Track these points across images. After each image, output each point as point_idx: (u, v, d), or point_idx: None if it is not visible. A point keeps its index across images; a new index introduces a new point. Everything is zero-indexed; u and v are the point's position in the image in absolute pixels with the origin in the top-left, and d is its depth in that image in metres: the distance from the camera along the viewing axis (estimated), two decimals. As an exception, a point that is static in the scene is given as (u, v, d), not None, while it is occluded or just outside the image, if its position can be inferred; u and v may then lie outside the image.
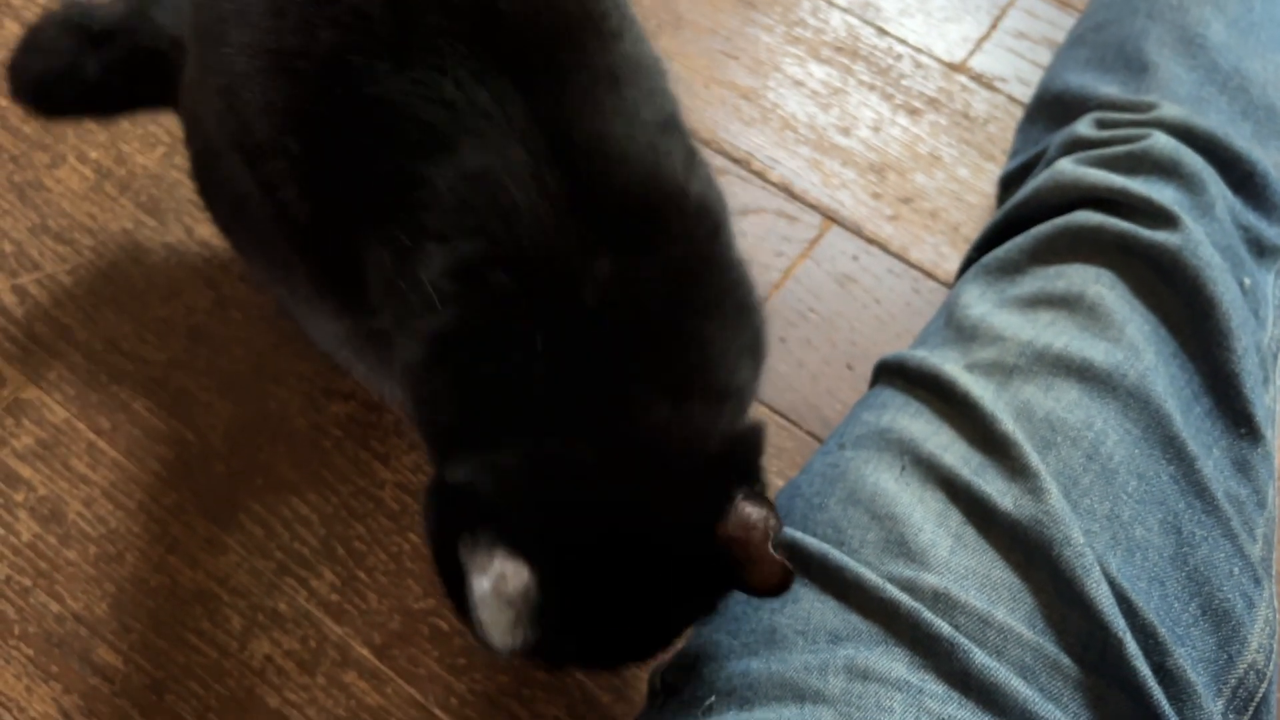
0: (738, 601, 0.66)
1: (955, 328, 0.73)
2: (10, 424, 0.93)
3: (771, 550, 0.56)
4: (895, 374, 0.73)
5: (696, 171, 0.63)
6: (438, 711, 0.82)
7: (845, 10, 1.16)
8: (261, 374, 0.95)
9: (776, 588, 0.58)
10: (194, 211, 1.03)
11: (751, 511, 0.57)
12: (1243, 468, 0.66)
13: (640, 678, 0.81)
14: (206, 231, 1.02)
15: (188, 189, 1.03)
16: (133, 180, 1.05)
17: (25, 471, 0.91)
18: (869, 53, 1.13)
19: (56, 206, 1.03)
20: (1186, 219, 0.70)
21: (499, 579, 0.54)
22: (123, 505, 0.90)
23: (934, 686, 0.57)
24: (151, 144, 1.07)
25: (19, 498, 0.90)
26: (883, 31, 1.14)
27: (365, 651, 0.84)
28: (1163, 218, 0.70)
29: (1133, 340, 0.67)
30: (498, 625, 0.54)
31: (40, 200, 1.03)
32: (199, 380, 0.95)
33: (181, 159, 1.05)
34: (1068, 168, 0.76)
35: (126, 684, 0.84)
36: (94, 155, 1.06)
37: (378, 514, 0.89)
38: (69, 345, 0.97)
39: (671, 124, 0.64)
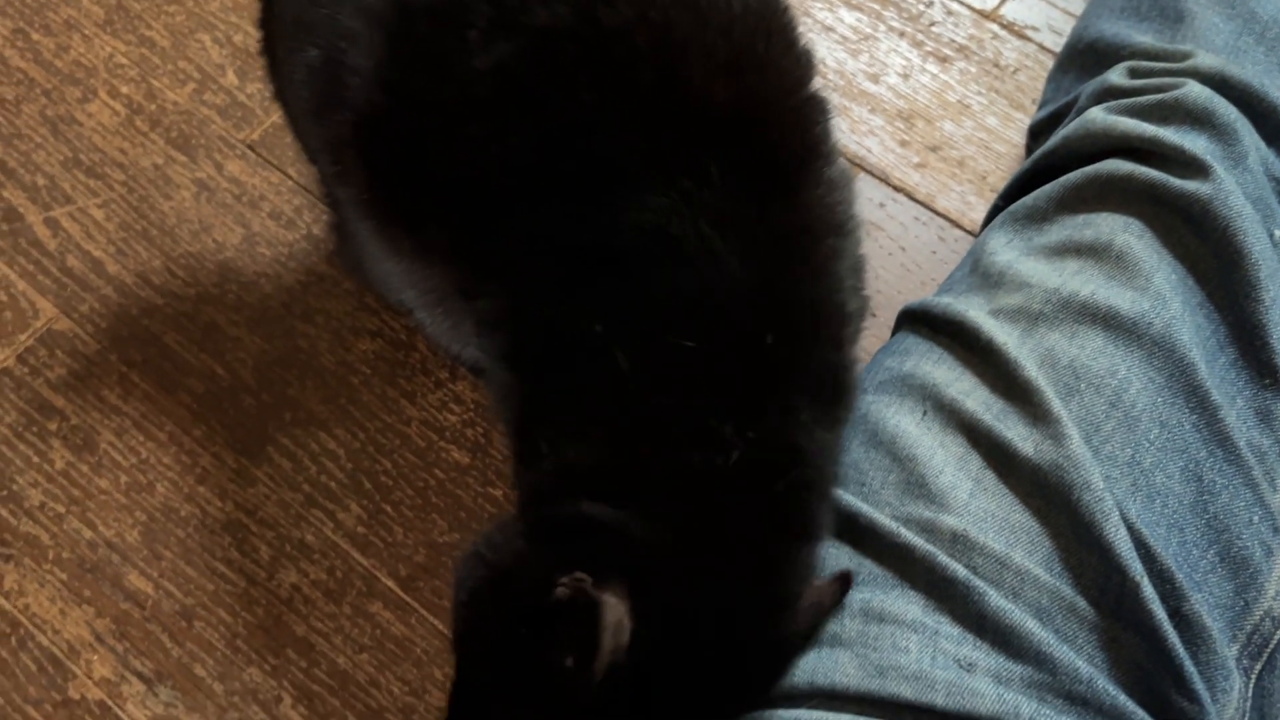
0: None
1: (981, 274, 0.73)
2: (44, 355, 0.95)
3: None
4: (919, 320, 0.73)
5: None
6: (461, 643, 0.84)
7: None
8: (290, 311, 0.96)
9: None
10: (224, 148, 1.04)
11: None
12: (1266, 418, 0.66)
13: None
14: (236, 168, 1.03)
15: (218, 126, 1.04)
16: (163, 116, 1.05)
17: (58, 401, 0.93)
18: (900, -2, 1.12)
19: (88, 141, 1.04)
20: (1218, 169, 0.70)
21: (618, 615, 0.53)
22: (153, 436, 0.92)
23: (949, 628, 0.58)
24: (182, 80, 1.07)
25: (52, 426, 0.92)
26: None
27: (391, 583, 0.86)
28: (1194, 167, 0.70)
29: (1159, 289, 0.67)
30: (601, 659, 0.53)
31: (72, 135, 1.04)
32: (228, 315, 0.96)
33: (211, 95, 1.06)
34: (1099, 116, 0.76)
35: (157, 609, 0.86)
36: (125, 90, 1.06)
37: (404, 450, 0.90)
38: (101, 279, 0.98)
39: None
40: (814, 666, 0.59)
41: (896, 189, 1.02)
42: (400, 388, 0.93)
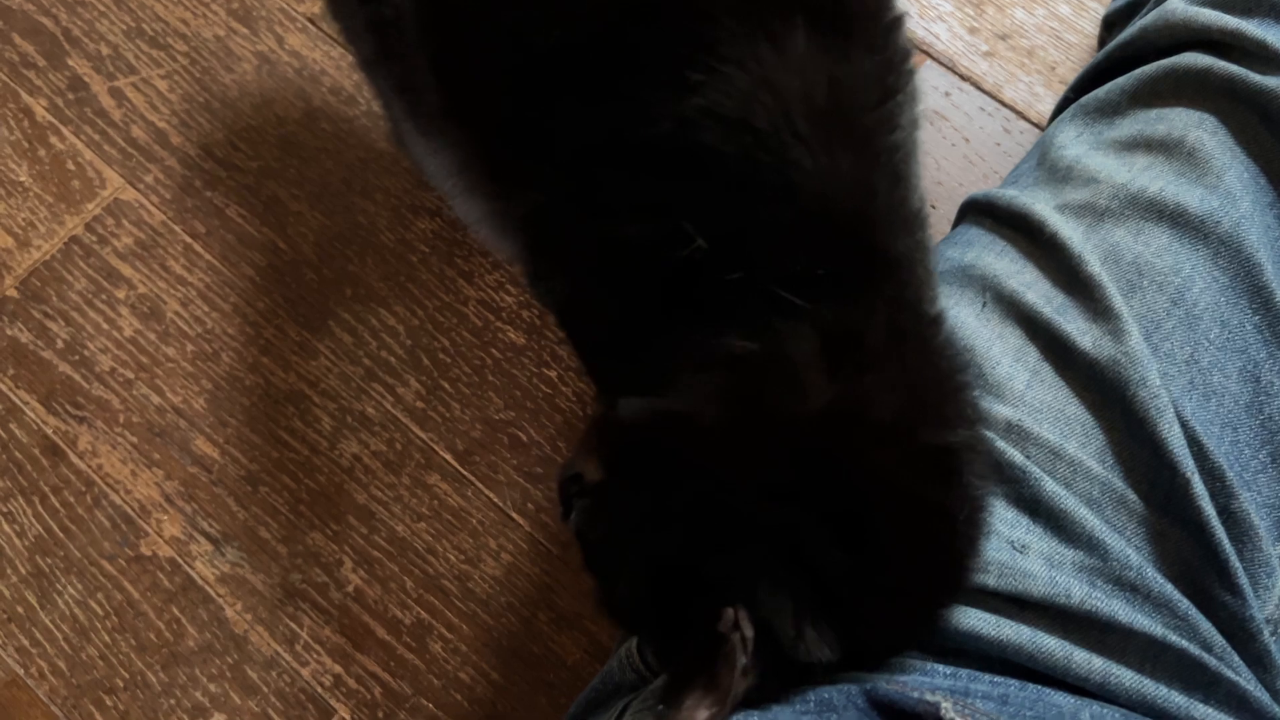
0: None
1: (1049, 168, 0.72)
2: (111, 224, 0.96)
3: None
4: (983, 212, 0.73)
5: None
6: (514, 515, 0.86)
7: None
8: (350, 188, 0.97)
9: None
10: (285, 21, 1.03)
11: None
12: (1330, 321, 0.66)
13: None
14: (297, 42, 1.03)
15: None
16: (225, -14, 1.05)
17: (126, 270, 0.95)
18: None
19: (150, 11, 1.04)
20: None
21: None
22: (218, 307, 0.94)
23: (1004, 511, 0.59)
24: (242, -50, 1.07)
25: (120, 294, 0.94)
26: None
27: (448, 456, 0.88)
28: (1276, 63, 0.68)
29: (1230, 188, 0.66)
30: None
31: (134, 4, 1.04)
32: (290, 190, 0.98)
33: (273, -34, 1.06)
34: (1179, 7, 0.74)
35: (223, 474, 0.89)
36: (186, -41, 1.06)
37: (461, 329, 0.92)
38: (165, 150, 0.99)
39: None
40: None
41: (963, 77, 1.00)
42: (458, 267, 0.94)
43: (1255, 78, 0.67)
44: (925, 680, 0.54)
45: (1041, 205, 0.69)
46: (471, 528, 0.86)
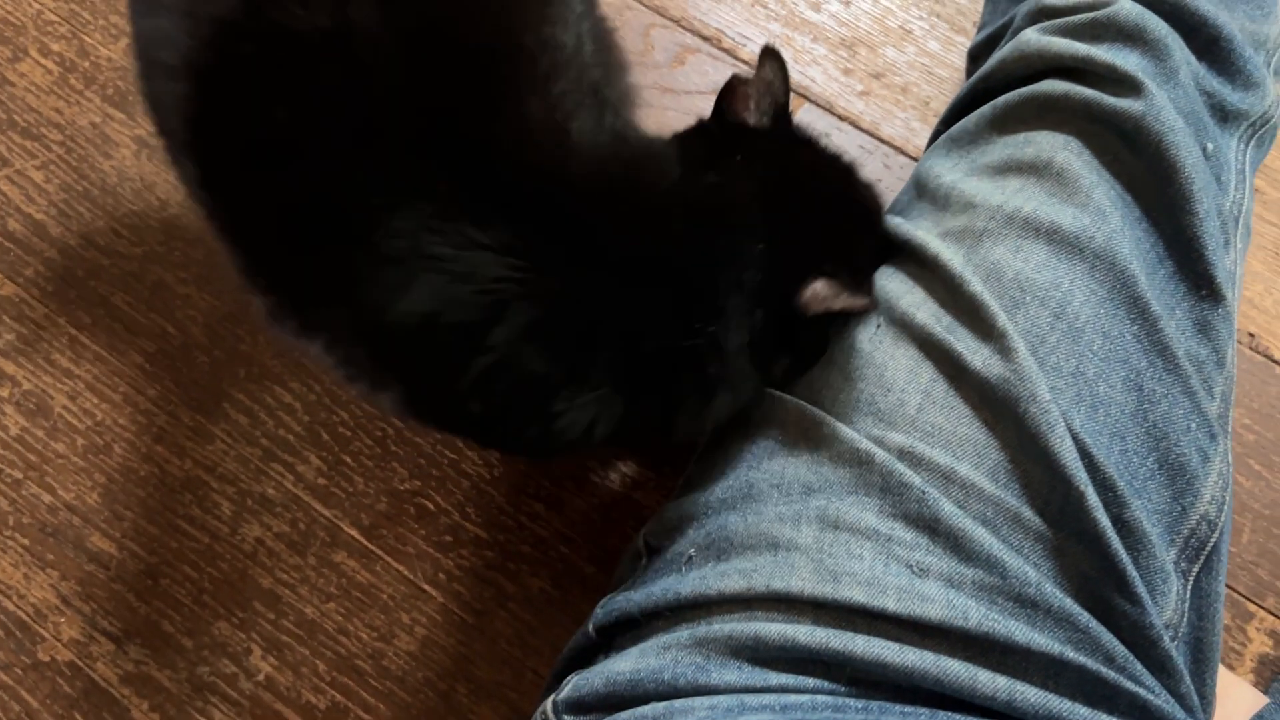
0: (716, 463, 0.68)
1: (928, 197, 0.74)
2: (-10, 321, 0.94)
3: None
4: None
5: None
6: (426, 586, 0.85)
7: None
8: (238, 265, 0.96)
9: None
10: (162, 104, 1.02)
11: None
12: (1204, 328, 0.68)
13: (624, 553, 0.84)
14: (175, 124, 1.01)
15: (154, 81, 1.02)
16: (98, 73, 1.03)
17: (9, 367, 0.92)
18: None
19: (22, 102, 1.02)
20: (1150, 85, 0.70)
21: None
22: (108, 398, 0.91)
23: (903, 534, 0.59)
24: (115, 35, 1.05)
25: (4, 393, 0.91)
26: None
27: (354, 532, 0.86)
28: (1127, 84, 0.70)
29: (1100, 205, 0.68)
30: None
31: (4, 96, 1.02)
32: (176, 273, 0.96)
33: (146, 50, 1.04)
34: (1033, 37, 0.76)
35: (122, 569, 0.86)
36: (56, 48, 1.04)
37: (360, 400, 0.90)
38: (44, 241, 0.97)
39: None
40: (771, 571, 0.60)
41: (841, 118, 1.02)
42: (353, 338, 0.93)
43: (1109, 100, 0.69)
44: (838, 718, 0.54)
45: (923, 232, 0.70)
46: (382, 603, 0.84)
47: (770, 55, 0.69)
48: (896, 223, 0.72)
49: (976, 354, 0.63)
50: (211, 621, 0.84)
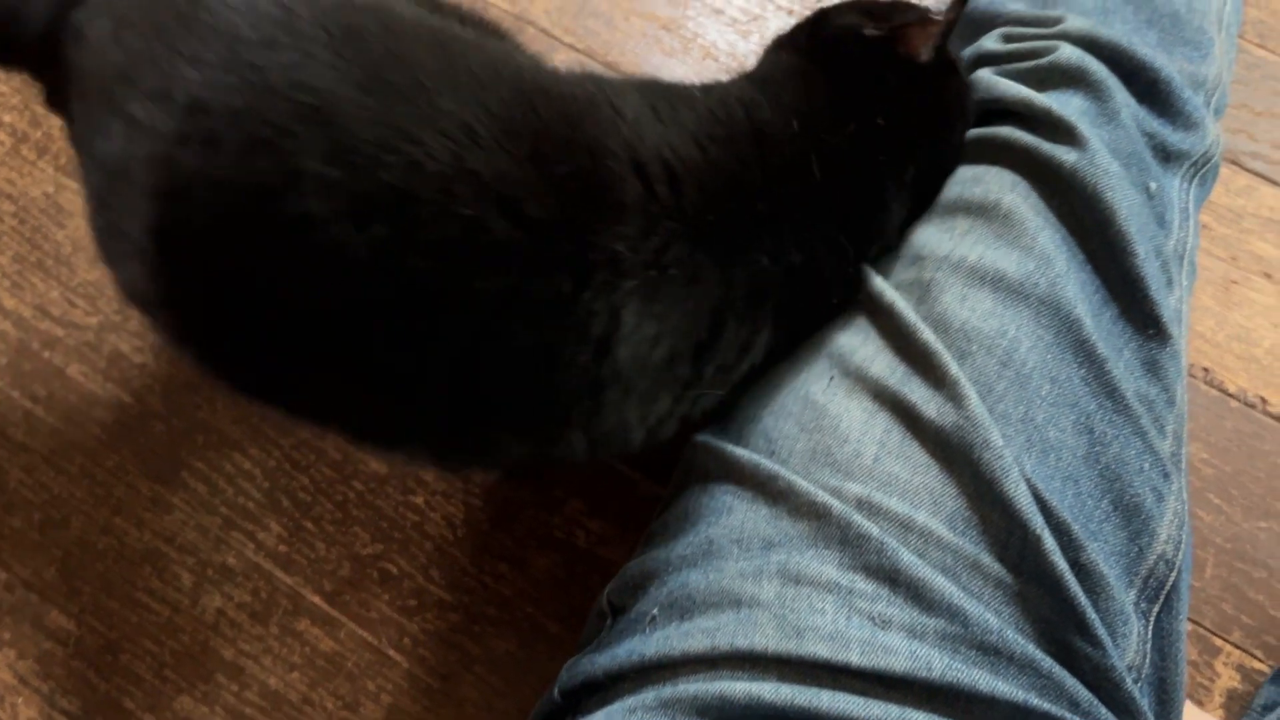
0: (676, 519, 0.68)
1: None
2: (-57, 397, 0.93)
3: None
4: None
5: None
6: (391, 652, 0.84)
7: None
8: (195, 332, 0.95)
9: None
10: (115, 172, 1.02)
11: None
12: (1152, 367, 0.68)
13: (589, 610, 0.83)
14: (129, 192, 1.01)
15: (106, 150, 1.02)
16: (50, 143, 1.03)
17: (-38, 443, 0.91)
18: None
19: (-27, 174, 1.02)
20: (1088, 130, 0.71)
21: None
22: (64, 471, 0.90)
23: (863, 585, 0.59)
24: (66, 106, 1.05)
25: (-43, 470, 0.90)
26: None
27: (316, 599, 0.85)
28: (1063, 130, 0.71)
29: (1044, 249, 0.68)
30: None
31: (-44, 169, 1.02)
32: (132, 342, 0.95)
33: (98, 119, 1.04)
34: (984, 76, 0.77)
35: (81, 646, 0.84)
36: (8, 119, 1.04)
37: (320, 464, 0.90)
38: (-3, 314, 0.96)
39: None
40: (734, 629, 0.60)
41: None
42: (313, 402, 0.92)
43: (1047, 146, 0.71)
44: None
45: (877, 280, 0.70)
46: (347, 671, 0.83)
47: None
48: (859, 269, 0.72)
49: (930, 403, 0.63)
50: (174, 696, 0.83)
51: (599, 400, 0.61)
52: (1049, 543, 0.59)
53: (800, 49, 0.75)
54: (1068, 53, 0.76)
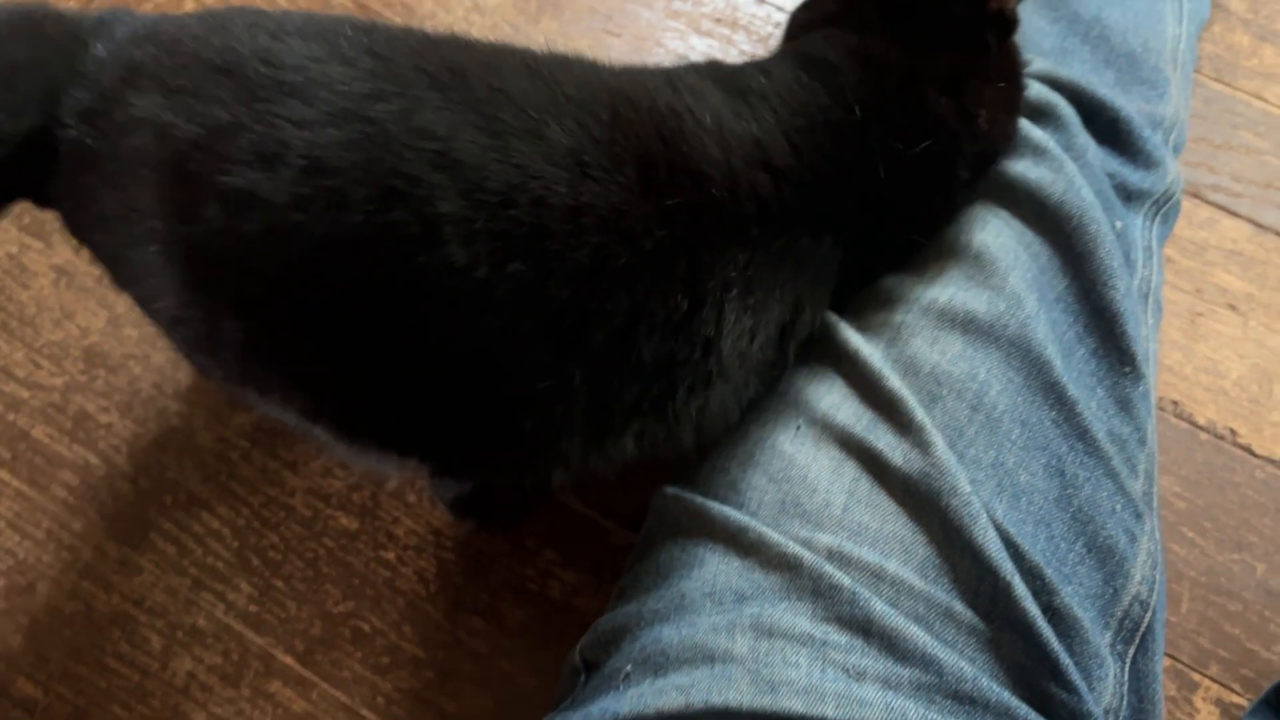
0: (649, 572, 0.68)
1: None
2: (-95, 463, 0.91)
3: None
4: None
5: None
6: (365, 712, 0.82)
7: (723, -19, 1.16)
8: (162, 391, 0.94)
9: None
10: (79, 231, 1.01)
11: None
12: (1125, 406, 0.69)
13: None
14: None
15: (70, 208, 1.02)
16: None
17: (-75, 510, 0.89)
18: (748, 21, 1.14)
19: (-65, 236, 1.01)
20: (1067, 162, 0.72)
21: None
22: (30, 535, 0.89)
23: (837, 637, 0.59)
24: (29, 165, 1.04)
25: (-80, 537, 0.88)
26: (760, 0, 1.15)
27: (288, 659, 0.84)
28: (1046, 159, 0.72)
29: (1015, 289, 0.68)
30: None
31: (-83, 231, 1.01)
32: (98, 402, 0.94)
33: (61, 178, 1.03)
34: None
35: (48, 714, 0.83)
36: (-30, 180, 1.03)
37: (290, 522, 0.89)
38: (-40, 377, 0.95)
39: None
40: (708, 686, 0.59)
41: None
42: (281, 458, 0.91)
43: (1033, 175, 0.71)
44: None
45: (844, 327, 0.70)
46: (321, 732, 0.82)
47: None
48: (826, 317, 0.72)
49: (896, 450, 0.63)
50: (143, 763, 0.81)
51: (707, 395, 0.64)
52: (1019, 588, 0.59)
53: (862, 26, 0.74)
54: (1035, 88, 0.77)
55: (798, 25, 0.79)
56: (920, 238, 0.73)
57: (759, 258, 0.63)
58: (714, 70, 0.70)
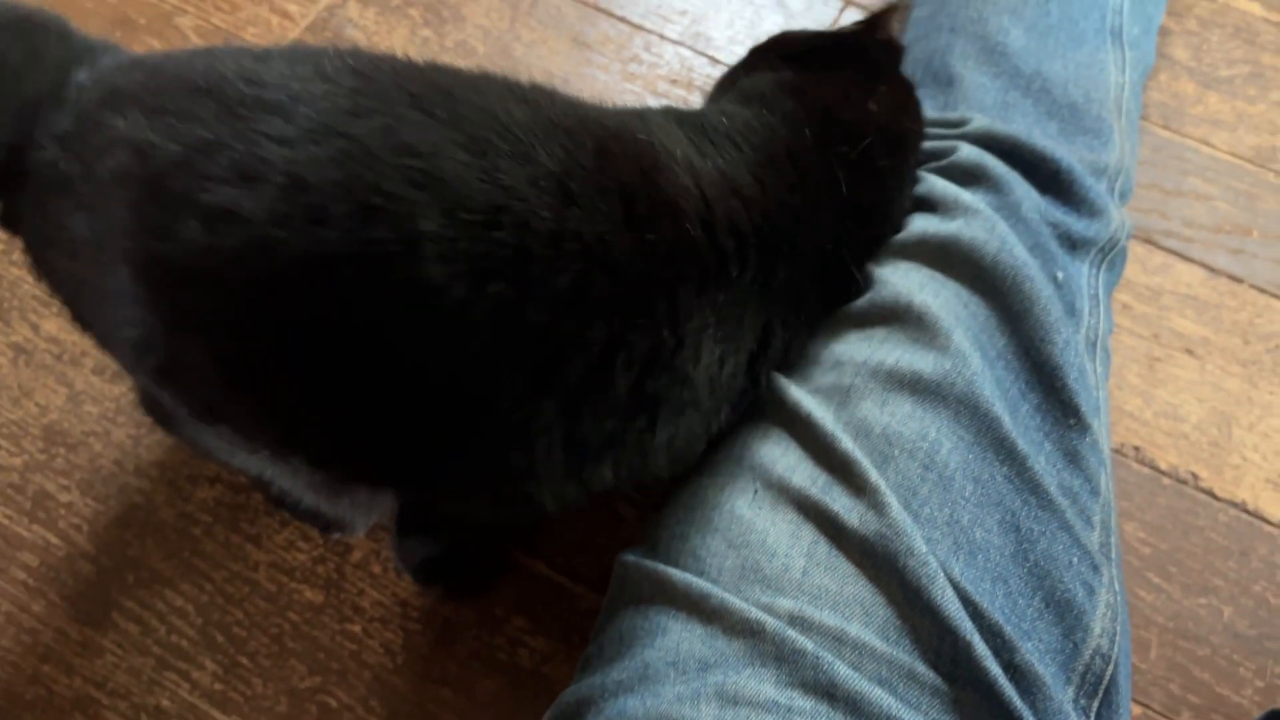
0: (612, 642, 0.67)
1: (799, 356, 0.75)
2: None
3: None
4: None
5: None
6: (333, 790, 0.81)
7: (677, 43, 1.18)
8: (123, 468, 0.94)
9: None
10: (39, 309, 1.01)
11: None
12: (1074, 458, 0.69)
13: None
14: (54, 326, 1.00)
15: (30, 286, 1.02)
16: (-29, 282, 1.02)
17: (-118, 597, 0.88)
18: (704, 82, 1.15)
19: (-108, 318, 1.00)
20: (999, 222, 0.73)
21: None
22: (-11, 619, 0.88)
23: (801, 702, 0.58)
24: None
25: (-123, 625, 0.87)
26: (714, 60, 1.17)
27: (254, 738, 0.83)
28: (979, 221, 0.73)
29: (959, 347, 0.69)
30: None
31: (-126, 313, 1.00)
32: (58, 481, 0.93)
33: (20, 256, 1.03)
34: None
35: (9, 804, 0.81)
36: (-73, 261, 1.03)
37: (254, 597, 0.88)
38: (-82, 460, 0.94)
39: None
40: None
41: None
42: (244, 532, 0.91)
43: (966, 235, 0.72)
44: None
45: (795, 389, 0.71)
46: (288, 812, 0.81)
47: None
48: (775, 379, 0.73)
49: (852, 511, 0.63)
50: None
51: (678, 422, 0.65)
52: (980, 648, 0.59)
53: (776, 65, 0.81)
54: (966, 151, 0.78)
55: (719, 89, 0.84)
56: (885, 235, 0.78)
57: (732, 293, 0.65)
58: (675, 113, 0.73)
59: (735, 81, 0.83)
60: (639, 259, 0.60)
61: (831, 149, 0.72)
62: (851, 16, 1.19)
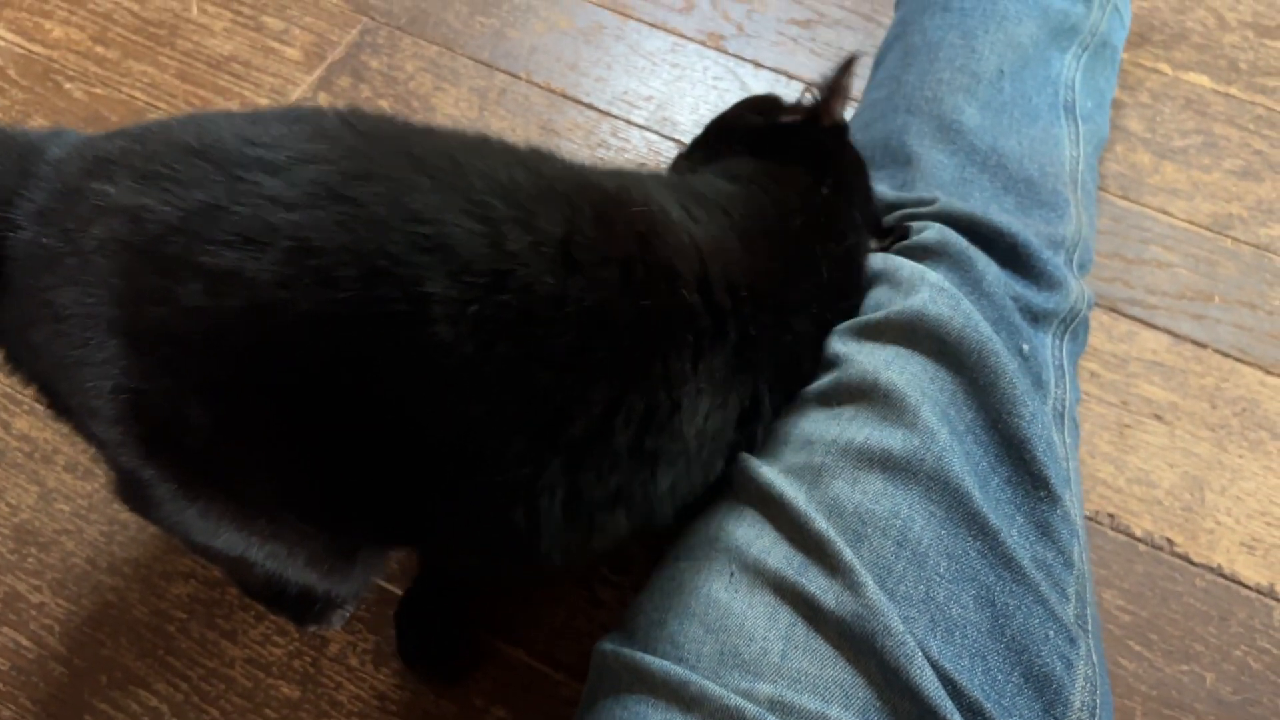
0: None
1: (770, 439, 0.75)
2: None
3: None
4: (719, 481, 0.75)
5: None
6: None
7: (643, 128, 1.20)
8: (96, 566, 0.93)
9: None
10: (10, 406, 1.01)
11: None
12: (1045, 531, 0.69)
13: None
14: (25, 424, 1.00)
15: (2, 383, 1.01)
16: (-59, 381, 1.02)
17: None
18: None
19: None
20: (962, 299, 0.74)
21: None
22: (-42, 726, 0.86)
23: None
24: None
25: None
26: (680, 143, 1.19)
27: (230, 842, 0.81)
28: (943, 297, 0.74)
29: (927, 423, 0.70)
30: None
31: None
32: (29, 581, 0.92)
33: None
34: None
35: None
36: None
37: (230, 694, 0.87)
38: (-114, 564, 0.93)
39: None
40: None
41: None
42: (219, 628, 0.90)
43: (931, 312, 0.73)
44: None
45: (767, 470, 0.71)
46: None
47: (849, 64, 0.84)
48: (742, 463, 0.73)
49: (828, 592, 0.63)
50: None
51: (676, 473, 0.68)
52: (961, 726, 0.59)
53: (739, 150, 0.86)
54: (928, 230, 0.79)
55: (682, 163, 0.90)
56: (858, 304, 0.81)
57: (724, 355, 0.68)
58: (663, 179, 0.77)
59: (692, 157, 0.89)
60: (636, 323, 0.62)
61: (813, 234, 0.78)
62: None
